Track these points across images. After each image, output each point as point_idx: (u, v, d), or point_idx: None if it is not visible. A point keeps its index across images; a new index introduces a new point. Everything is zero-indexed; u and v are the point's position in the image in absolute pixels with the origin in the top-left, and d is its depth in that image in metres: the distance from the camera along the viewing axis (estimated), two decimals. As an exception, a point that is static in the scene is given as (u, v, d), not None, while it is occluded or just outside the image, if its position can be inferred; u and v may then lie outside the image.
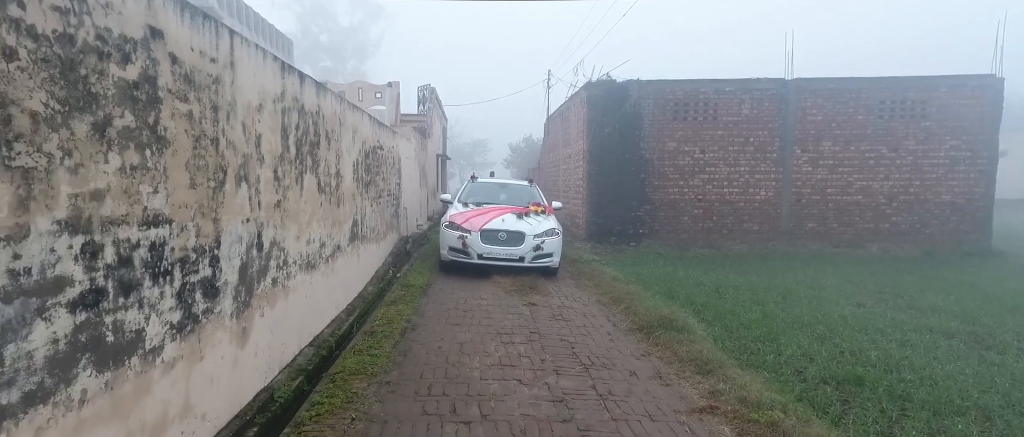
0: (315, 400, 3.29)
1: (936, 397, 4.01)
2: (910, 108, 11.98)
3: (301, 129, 3.94)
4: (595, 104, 12.40)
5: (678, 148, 12.26)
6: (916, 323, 6.16)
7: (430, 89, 17.57)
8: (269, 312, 3.39)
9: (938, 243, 11.94)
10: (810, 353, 4.94)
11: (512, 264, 8.04)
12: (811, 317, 6.31)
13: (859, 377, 4.36)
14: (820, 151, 12.13)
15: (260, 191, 3.21)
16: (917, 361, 4.85)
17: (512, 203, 9.58)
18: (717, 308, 6.48)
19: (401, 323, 5.05)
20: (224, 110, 2.74)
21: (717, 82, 12.30)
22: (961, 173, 12.00)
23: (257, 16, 19.73)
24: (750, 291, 7.70)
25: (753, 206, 12.27)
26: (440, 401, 3.35)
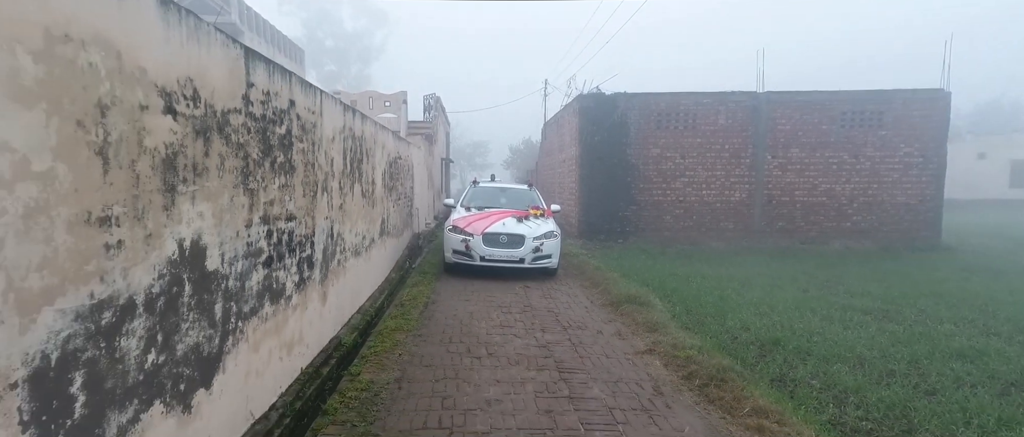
0: (370, 345, 4.64)
1: (829, 351, 5.33)
2: (868, 118, 13.34)
3: (352, 150, 5.29)
4: (586, 114, 13.77)
5: (661, 154, 13.61)
6: (844, 304, 7.49)
7: (435, 98, 18.94)
8: (336, 283, 4.74)
9: (894, 240, 13.31)
10: (748, 324, 6.26)
11: (513, 266, 8.37)
12: (760, 300, 7.63)
13: (778, 339, 5.69)
14: (789, 157, 13.49)
15: (332, 197, 4.56)
16: (829, 330, 6.17)
17: (512, 207, 9.84)
18: (683, 292, 7.81)
19: (423, 299, 6.41)
20: (317, 144, 4.10)
21: (696, 95, 13.67)
22: (914, 177, 13.35)
23: (274, 29, 21.09)
24: (716, 280, 9.03)
25: (728, 207, 13.63)
26: (458, 346, 4.71)
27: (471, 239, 8.41)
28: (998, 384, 4.55)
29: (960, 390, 4.38)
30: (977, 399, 4.16)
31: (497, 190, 11.03)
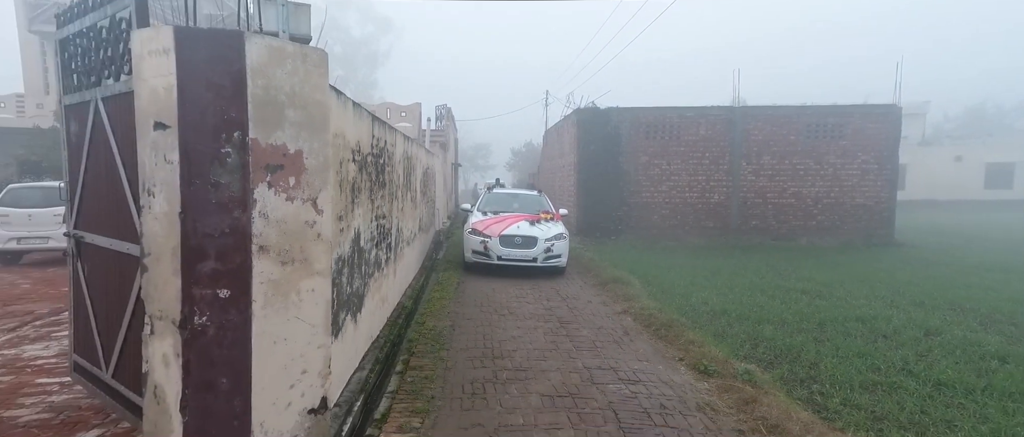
0: (422, 309, 6.48)
1: (762, 317, 7.14)
2: (831, 130, 15.19)
3: (405, 168, 7.14)
4: (583, 126, 15.62)
5: (649, 161, 15.46)
6: (790, 286, 9.29)
7: (446, 108, 20.81)
8: (400, 263, 6.60)
9: (853, 236, 15.16)
10: (706, 300, 8.08)
11: (526, 264, 9.11)
12: (722, 284, 9.44)
13: (726, 309, 7.50)
14: (761, 164, 15.34)
15: (398, 202, 6.41)
16: (769, 304, 7.98)
17: (524, 211, 10.52)
18: (660, 277, 9.64)
19: (454, 279, 8.27)
20: (393, 167, 5.95)
21: (680, 109, 15.52)
22: (870, 181, 15.20)
23: (297, 44, 22.92)
24: (691, 269, 10.86)
25: (709, 207, 15.48)
26: (486, 308, 6.56)
27: (489, 240, 9.16)
28: (872, 336, 6.37)
29: (844, 340, 6.20)
30: (850, 344, 5.98)
31: (510, 196, 11.86)
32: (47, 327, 5.44)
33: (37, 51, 19.57)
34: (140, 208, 2.69)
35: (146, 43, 2.58)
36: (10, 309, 6.17)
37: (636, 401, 3.91)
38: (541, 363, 4.69)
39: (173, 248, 2.62)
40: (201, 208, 2.60)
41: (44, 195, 8.79)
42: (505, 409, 3.71)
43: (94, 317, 3.41)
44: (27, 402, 3.53)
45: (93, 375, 3.47)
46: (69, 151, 3.54)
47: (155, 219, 2.64)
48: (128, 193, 2.93)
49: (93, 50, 3.15)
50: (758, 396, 3.91)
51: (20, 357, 4.46)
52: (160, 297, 2.66)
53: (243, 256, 2.65)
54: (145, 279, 2.68)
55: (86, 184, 3.40)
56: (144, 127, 2.62)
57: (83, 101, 3.30)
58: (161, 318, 2.66)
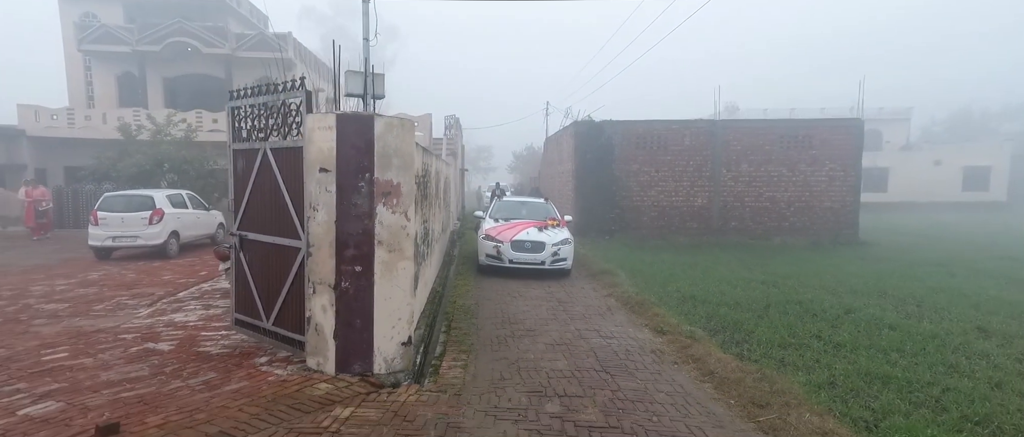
0: (450, 293, 8.29)
1: (720, 300, 8.92)
2: (801, 141, 17.00)
3: (435, 180, 8.95)
4: (580, 137, 17.45)
5: (639, 169, 17.28)
6: (751, 278, 11.09)
7: (455, 118, 22.63)
8: (433, 255, 8.41)
9: (821, 236, 16.97)
10: (680, 288, 9.87)
11: (535, 267, 9.86)
12: (696, 276, 11.23)
13: (694, 295, 9.29)
14: (740, 171, 17.15)
15: (432, 208, 8.23)
16: (730, 291, 9.77)
17: (532, 218, 11.27)
18: (644, 271, 11.44)
19: (472, 272, 10.08)
20: (429, 180, 7.77)
21: (666, 122, 17.34)
22: (837, 187, 17.02)
23: (317, 59, 24.79)
24: (673, 264, 12.65)
25: (693, 210, 17.30)
26: (500, 292, 8.37)
27: (501, 245, 9.93)
28: (804, 314, 8.14)
29: (780, 317, 7.98)
30: (783, 319, 7.76)
31: (519, 203, 12.72)
32: (175, 302, 7.26)
33: (81, 68, 21.39)
34: (305, 219, 4.52)
35: (317, 122, 4.40)
36: (135, 292, 7.99)
37: (610, 347, 5.73)
38: (544, 327, 6.52)
39: (330, 242, 4.44)
40: (346, 218, 4.43)
41: (133, 202, 10.63)
42: (521, 351, 5.53)
43: (255, 287, 5.23)
44: (207, 344, 5.34)
45: (252, 325, 5.30)
46: (235, 180, 5.36)
47: (318, 225, 4.47)
48: (291, 209, 4.75)
49: (263, 118, 4.97)
50: (693, 345, 5.73)
51: (174, 321, 6.28)
52: (320, 271, 4.48)
53: (369, 247, 4.47)
54: (310, 261, 4.50)
55: (250, 202, 5.22)
56: (312, 170, 4.45)
57: (252, 148, 5.13)
58: (321, 283, 4.49)
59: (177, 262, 10.66)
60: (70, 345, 5.33)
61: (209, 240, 12.81)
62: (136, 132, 16.62)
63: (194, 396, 4.05)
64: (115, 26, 20.11)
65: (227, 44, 20.41)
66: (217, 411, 3.77)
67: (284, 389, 4.19)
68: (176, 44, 20.05)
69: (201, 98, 21.00)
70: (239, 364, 4.77)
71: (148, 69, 20.79)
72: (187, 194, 12.38)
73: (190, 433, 3.43)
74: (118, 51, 20.16)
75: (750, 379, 4.72)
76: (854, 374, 5.20)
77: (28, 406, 3.84)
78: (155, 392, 4.13)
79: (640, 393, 4.42)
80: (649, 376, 4.84)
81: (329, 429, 3.54)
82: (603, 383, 4.64)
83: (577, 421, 3.83)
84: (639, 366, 5.13)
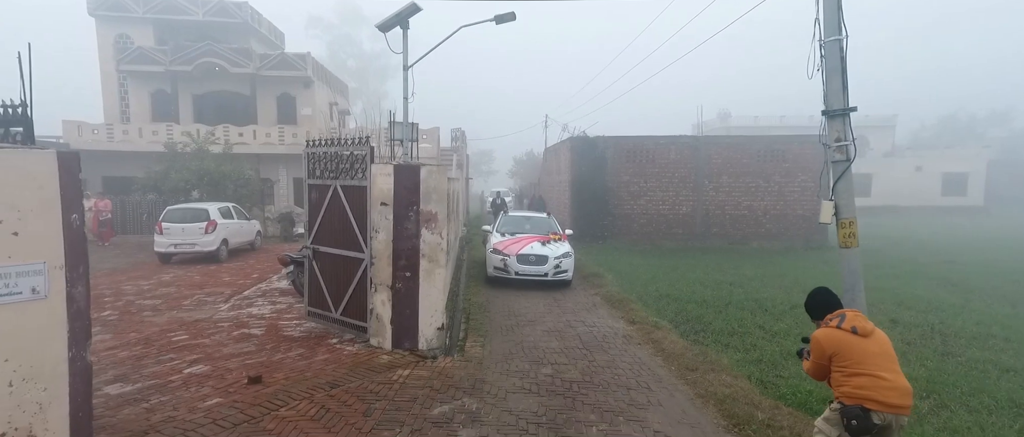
0: (465, 294, 10.05)
1: (690, 298, 10.68)
2: (776, 155, 18.78)
3: (451, 196, 10.71)
4: (575, 150, 19.22)
5: (630, 180, 19.05)
6: (722, 279, 12.85)
7: (461, 131, 24.45)
8: (451, 260, 10.17)
9: (794, 241, 18.74)
10: (658, 288, 11.63)
11: (538, 278, 10.59)
12: (676, 277, 12.99)
13: (669, 293, 11.06)
14: (720, 182, 18.92)
15: (451, 223, 9.99)
16: (699, 290, 11.54)
17: (536, 232, 12.05)
18: (630, 273, 13.20)
19: (481, 278, 11.85)
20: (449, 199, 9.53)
21: (654, 138, 19.12)
22: (808, 197, 18.78)
23: (333, 76, 26.58)
24: (655, 267, 14.41)
25: (678, 217, 19.07)
26: (507, 292, 10.14)
27: (508, 259, 10.66)
28: (757, 310, 9.87)
29: (736, 312, 9.71)
30: (738, 314, 9.50)
31: (523, 218, 13.51)
32: (246, 299, 9.05)
33: (116, 85, 23.18)
34: (368, 237, 6.31)
35: (379, 170, 6.19)
36: (207, 291, 9.77)
37: (591, 333, 7.50)
38: (542, 318, 8.29)
39: (388, 255, 6.22)
40: (400, 238, 6.20)
41: (190, 214, 12.43)
42: (524, 335, 7.30)
43: (325, 286, 7.01)
44: (288, 330, 7.12)
45: (322, 315, 7.08)
46: (310, 206, 7.15)
47: (379, 242, 6.25)
48: (356, 230, 6.53)
49: (334, 163, 6.75)
50: (655, 331, 7.51)
51: (253, 314, 8.05)
52: (380, 275, 6.27)
53: (415, 258, 6.25)
54: (372, 268, 6.29)
55: (321, 223, 7.00)
56: (375, 203, 6.23)
57: (324, 184, 6.91)
58: (381, 284, 6.27)
59: (228, 265, 12.45)
60: (185, 330, 7.11)
61: (249, 246, 14.60)
62: (183, 147, 18.42)
63: (297, 363, 5.83)
64: (151, 48, 21.89)
65: (251, 64, 22.19)
66: (317, 371, 5.55)
67: (358, 359, 5.97)
68: (205, 64, 21.83)
69: (226, 113, 22.78)
70: (318, 343, 6.55)
71: (179, 87, 22.58)
72: (233, 206, 14.18)
73: (308, 382, 5.21)
74: (152, 71, 21.95)
75: (690, 354, 6.50)
76: (779, 354, 6.95)
77: (187, 368, 5.62)
78: (267, 360, 5.90)
79: (609, 362, 6.19)
80: (617, 352, 6.62)
81: (398, 382, 5.31)
82: (583, 356, 6.42)
83: (563, 378, 5.61)
84: (611, 345, 6.90)
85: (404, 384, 5.26)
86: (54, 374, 3.43)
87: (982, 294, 11.56)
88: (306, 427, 4.28)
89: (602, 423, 4.53)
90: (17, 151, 3.33)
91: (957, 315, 9.56)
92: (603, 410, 4.79)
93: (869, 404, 3.12)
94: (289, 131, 21.94)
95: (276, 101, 23.57)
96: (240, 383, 5.16)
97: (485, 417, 4.56)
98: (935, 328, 8.64)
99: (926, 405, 5.56)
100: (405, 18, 8.46)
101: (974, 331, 8.48)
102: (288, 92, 23.56)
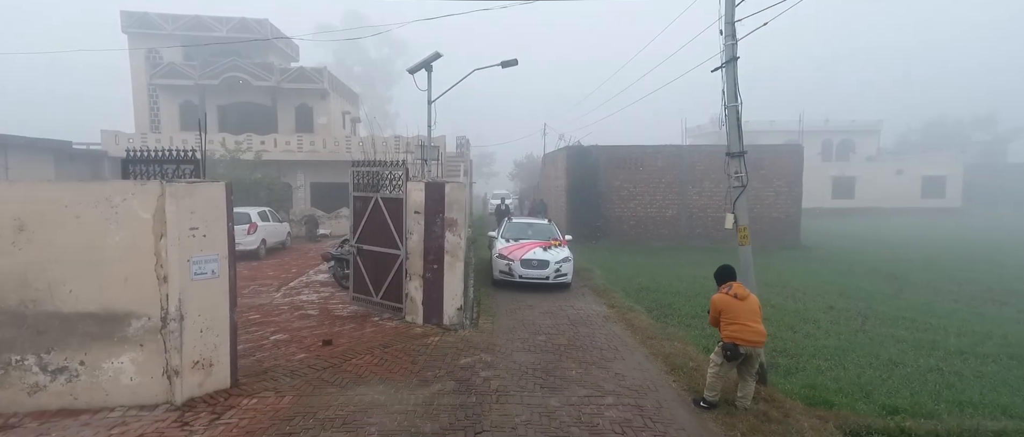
0: (475, 286, 11.92)
1: (668, 290, 12.55)
2: (753, 162, 20.54)
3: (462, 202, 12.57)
4: (572, 159, 21.10)
5: (620, 185, 20.93)
6: (697, 275, 14.71)
7: (465, 139, 26.32)
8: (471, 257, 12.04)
9: (770, 241, 20.59)
10: (640, 282, 13.51)
11: (541, 281, 11.39)
12: (657, 273, 14.88)
13: (648, 285, 12.94)
14: (703, 187, 20.80)
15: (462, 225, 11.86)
16: (675, 283, 13.42)
17: (538, 238, 12.84)
18: (618, 269, 15.10)
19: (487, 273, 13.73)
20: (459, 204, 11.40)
21: (642, 147, 20.99)
22: (782, 200, 20.68)
23: (346, 87, 28.47)
24: (641, 264, 16.31)
25: (664, 220, 20.95)
26: (510, 284, 12.02)
27: (512, 264, 11.50)
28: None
29: (703, 301, 11.59)
30: (702, 302, 11.39)
31: (525, 225, 14.47)
32: (294, 290, 10.92)
33: (146, 97, 25.05)
34: (404, 238, 8.19)
35: (413, 186, 8.08)
36: (259, 283, 11.64)
37: (578, 314, 9.37)
38: (539, 304, 10.17)
39: (420, 252, 8.11)
40: (429, 238, 8.09)
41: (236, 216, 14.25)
42: (524, 315, 9.18)
43: (367, 276, 8.89)
44: (337, 311, 8.99)
45: (365, 299, 8.96)
46: (355, 213, 9.03)
47: (413, 242, 8.14)
48: (394, 232, 8.40)
49: (375, 179, 8.62)
50: (629, 313, 9.39)
51: (304, 300, 9.91)
52: (414, 267, 8.16)
53: (441, 255, 8.13)
54: (408, 262, 8.17)
55: (364, 227, 8.88)
56: (409, 211, 8.12)
57: (366, 196, 8.78)
58: (415, 274, 8.16)
59: (268, 262, 14.32)
60: (255, 312, 8.99)
61: (281, 246, 16.48)
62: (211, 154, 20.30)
63: (352, 333, 7.70)
64: (180, 64, 23.78)
65: (273, 77, 24.06)
66: (370, 338, 7.43)
67: (398, 330, 7.86)
68: (231, 78, 23.71)
69: (249, 122, 24.67)
70: (364, 320, 8.43)
71: (206, 98, 24.47)
72: (269, 210, 16.06)
73: (365, 344, 7.09)
74: (182, 84, 23.84)
75: (653, 329, 8.39)
76: (723, 329, 8.82)
77: (272, 336, 7.50)
78: (328, 330, 7.78)
79: (589, 334, 8.07)
80: (597, 327, 8.50)
81: (432, 344, 7.19)
82: (570, 329, 8.30)
83: (554, 343, 7.49)
84: (592, 323, 8.79)
85: (437, 345, 7.15)
86: (222, 326, 5.32)
87: (916, 287, 13.46)
88: (374, 369, 6.16)
89: (579, 369, 6.41)
90: (207, 184, 5.22)
91: (884, 303, 11.46)
92: (581, 362, 6.68)
93: (739, 341, 5.01)
94: (307, 139, 23.81)
95: (295, 111, 25.46)
96: (316, 345, 7.04)
97: (497, 365, 6.44)
98: (862, 312, 10.54)
99: (828, 364, 7.45)
100: (429, 63, 10.35)
101: (892, 315, 10.38)
102: (306, 103, 25.45)
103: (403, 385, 5.70)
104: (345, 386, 5.65)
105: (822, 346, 8.25)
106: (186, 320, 5.04)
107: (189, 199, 5.01)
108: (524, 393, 5.59)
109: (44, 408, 4.86)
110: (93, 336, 4.90)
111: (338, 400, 5.26)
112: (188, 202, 5.00)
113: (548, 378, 6.07)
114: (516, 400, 5.39)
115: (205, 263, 5.12)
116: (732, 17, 6.27)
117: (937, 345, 8.30)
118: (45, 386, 4.87)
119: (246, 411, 4.97)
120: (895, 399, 6.00)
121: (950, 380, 6.81)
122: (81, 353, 4.90)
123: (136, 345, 4.96)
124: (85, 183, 5.12)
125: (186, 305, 5.03)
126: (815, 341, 8.51)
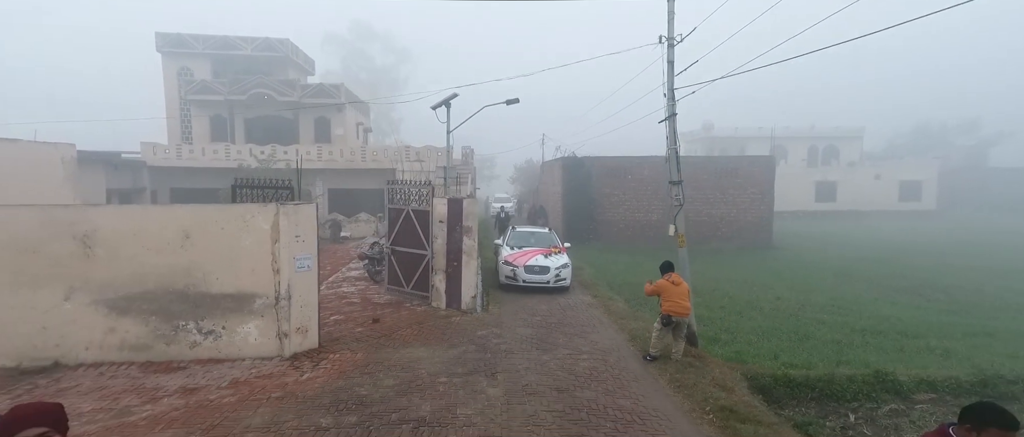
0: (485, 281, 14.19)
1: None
2: (730, 172, 22.94)
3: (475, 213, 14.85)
4: (567, 168, 23.40)
5: (611, 192, 23.21)
6: (674, 271, 17.02)
7: (470, 149, 28.59)
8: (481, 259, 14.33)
9: (745, 242, 22.91)
10: (624, 278, 15.80)
11: (542, 285, 12.54)
12: (640, 270, 17.16)
13: (629, 281, 15.22)
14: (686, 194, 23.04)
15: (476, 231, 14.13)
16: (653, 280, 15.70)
17: (539, 246, 14.04)
18: (605, 267, 17.38)
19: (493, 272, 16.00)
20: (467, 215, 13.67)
21: (630, 158, 23.28)
22: (755, 206, 22.96)
23: (356, 96, 30.79)
24: (626, 263, 18.59)
25: (649, 223, 23.23)
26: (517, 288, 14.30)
27: (517, 270, 12.78)
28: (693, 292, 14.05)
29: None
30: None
31: (528, 234, 15.60)
32: (334, 284, 13.19)
33: (178, 110, 27.36)
34: (430, 241, 10.50)
35: (438, 201, 10.40)
36: (302, 278, 13.92)
37: (567, 302, 11.66)
38: (536, 294, 12.46)
39: (443, 252, 10.42)
40: (450, 242, 10.39)
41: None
42: (524, 303, 11.46)
43: (399, 271, 11.18)
44: (375, 299, 11.28)
45: (398, 290, 11.25)
46: (389, 221, 11.32)
47: (437, 245, 10.45)
48: (422, 236, 10.70)
49: (405, 193, 10.92)
50: (609, 302, 11.68)
51: (346, 292, 12.18)
52: (438, 264, 10.47)
53: (459, 254, 10.43)
54: (433, 260, 10.48)
55: (397, 232, 11.16)
56: (435, 220, 10.44)
57: (399, 208, 11.08)
58: (438, 269, 10.47)
59: (303, 261, 16.63)
60: (310, 300, 11.26)
61: (310, 246, 18.83)
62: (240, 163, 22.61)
63: (392, 315, 9.99)
64: (211, 81, 26.09)
65: (295, 93, 26.37)
66: (406, 318, 9.72)
67: (427, 313, 10.15)
68: (257, 94, 26.01)
69: (273, 134, 26.96)
70: (399, 306, 10.72)
71: (234, 112, 26.78)
72: (301, 216, 18.40)
73: (404, 321, 9.38)
74: (212, 100, 26.14)
75: (625, 312, 10.70)
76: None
77: (330, 318, 9.78)
78: (373, 313, 10.06)
79: (575, 316, 10.35)
80: (582, 312, 10.78)
81: (455, 322, 9.49)
82: (560, 313, 10.59)
83: (547, 322, 9.78)
84: (579, 308, 11.07)
85: (458, 323, 9.44)
86: (313, 303, 7.63)
87: (860, 282, 15.75)
88: (415, 337, 8.45)
89: (565, 338, 8.70)
90: (306, 205, 7.52)
91: (824, 295, 13.75)
92: (567, 334, 8.97)
93: (672, 313, 7.32)
94: (326, 149, 26.09)
95: (314, 123, 27.77)
96: (367, 323, 9.34)
97: (505, 335, 8.73)
98: (801, 302, 12.82)
99: (757, 338, 9.75)
100: (448, 101, 12.65)
101: (824, 303, 12.67)
102: (324, 116, 27.76)
103: (438, 347, 8.00)
104: (397, 348, 7.94)
105: (758, 326, 10.55)
106: (292, 299, 7.33)
107: (295, 215, 7.31)
108: (524, 352, 7.89)
109: (200, 358, 7.16)
110: (231, 309, 7.19)
111: (395, 356, 7.55)
112: (294, 217, 7.30)
113: (542, 344, 8.36)
114: (519, 356, 7.69)
115: (303, 260, 7.41)
116: (672, 85, 8.56)
117: (847, 325, 10.59)
118: (200, 343, 7.17)
119: (334, 361, 7.26)
120: (792, 358, 8.29)
121: (842, 349, 9.11)
122: (223, 321, 7.20)
123: (259, 316, 7.26)
124: (228, 206, 7.40)
125: (292, 289, 7.31)
126: (753, 323, 10.81)
